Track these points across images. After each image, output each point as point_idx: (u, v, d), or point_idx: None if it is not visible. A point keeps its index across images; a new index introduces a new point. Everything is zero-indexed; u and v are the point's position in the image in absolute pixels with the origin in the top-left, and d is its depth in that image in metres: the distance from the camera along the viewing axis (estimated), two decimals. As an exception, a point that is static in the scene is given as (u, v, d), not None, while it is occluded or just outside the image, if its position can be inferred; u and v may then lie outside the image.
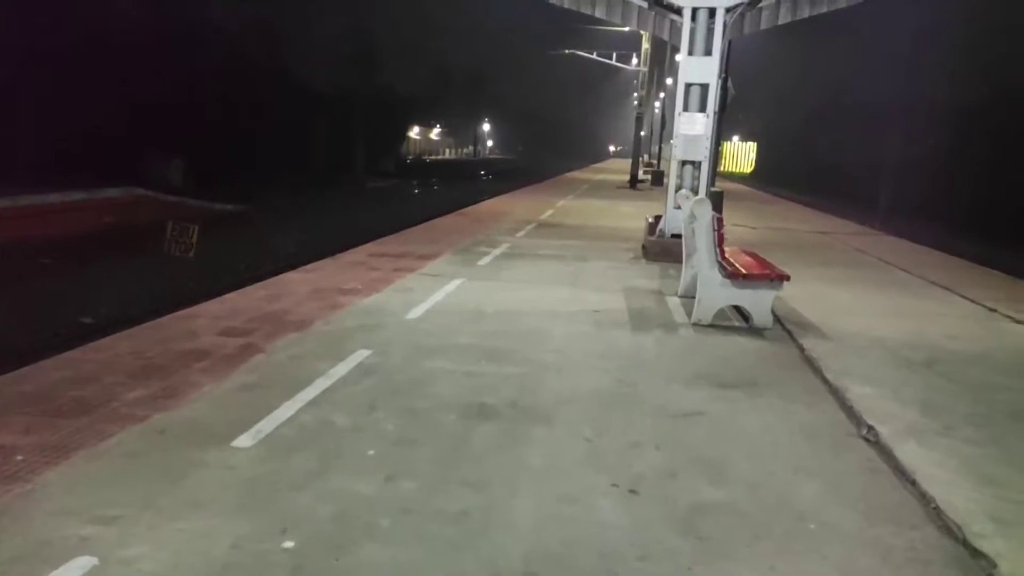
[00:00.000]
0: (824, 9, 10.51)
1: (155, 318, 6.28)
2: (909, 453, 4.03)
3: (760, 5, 10.53)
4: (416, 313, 6.78)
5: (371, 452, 3.81)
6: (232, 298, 7.19)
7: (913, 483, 3.70)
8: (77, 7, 23.78)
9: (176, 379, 4.72)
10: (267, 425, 4.06)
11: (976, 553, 3.09)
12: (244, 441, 3.85)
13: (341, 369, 5.05)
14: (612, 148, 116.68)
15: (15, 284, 10.40)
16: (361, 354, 5.40)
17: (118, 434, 3.87)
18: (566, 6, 11.19)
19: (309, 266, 9.12)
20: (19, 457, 3.57)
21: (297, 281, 8.09)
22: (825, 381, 5.28)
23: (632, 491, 3.52)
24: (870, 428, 4.36)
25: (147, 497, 3.25)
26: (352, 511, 3.22)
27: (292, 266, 9.16)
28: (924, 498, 3.55)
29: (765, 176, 45.12)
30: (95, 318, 8.57)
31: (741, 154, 57.66)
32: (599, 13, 11.32)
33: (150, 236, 12.63)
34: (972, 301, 8.48)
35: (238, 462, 3.62)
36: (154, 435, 3.90)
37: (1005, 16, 20.92)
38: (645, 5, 10.90)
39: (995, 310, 8.00)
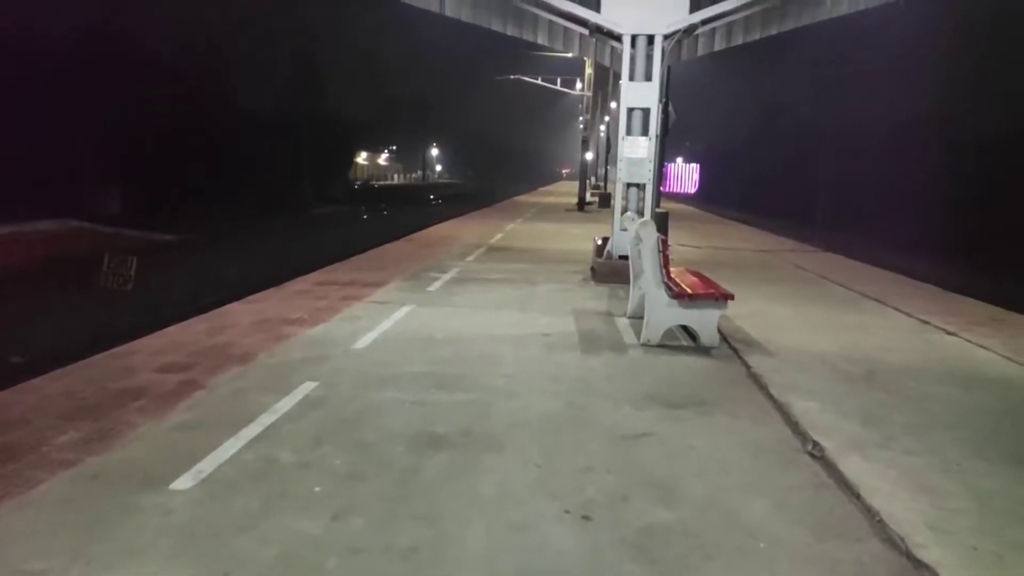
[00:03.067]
0: (757, 36, 10.88)
1: (90, 355, 6.03)
2: (853, 467, 4.12)
3: (696, 32, 10.85)
4: (364, 342, 6.67)
5: (317, 489, 3.71)
6: (172, 332, 6.96)
7: (858, 496, 3.78)
8: (7, 33, 23.03)
9: (111, 420, 4.52)
10: (208, 465, 3.91)
11: (918, 564, 3.16)
12: (183, 483, 3.70)
13: (286, 403, 4.92)
14: (565, 171, 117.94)
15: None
16: (307, 387, 5.28)
17: (48, 481, 3.68)
18: (509, 33, 11.33)
19: (253, 296, 8.90)
20: (-62, 510, 3.36)
21: (241, 312, 7.89)
22: (770, 397, 5.38)
23: (584, 516, 3.50)
24: (815, 443, 4.45)
25: (77, 547, 3.09)
26: (298, 552, 3.12)
27: (236, 296, 8.92)
28: (868, 511, 3.62)
29: (708, 196, 46.24)
30: (25, 357, 8.18)
31: (685, 175, 58.99)
32: (541, 40, 11.49)
33: (85, 269, 12.17)
34: (906, 314, 8.80)
35: (177, 505, 3.48)
36: (87, 480, 3.72)
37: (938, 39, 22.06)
38: (587, 32, 11.12)
39: (928, 322, 8.31)
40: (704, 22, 10.54)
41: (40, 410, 4.66)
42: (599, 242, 11.64)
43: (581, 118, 37.29)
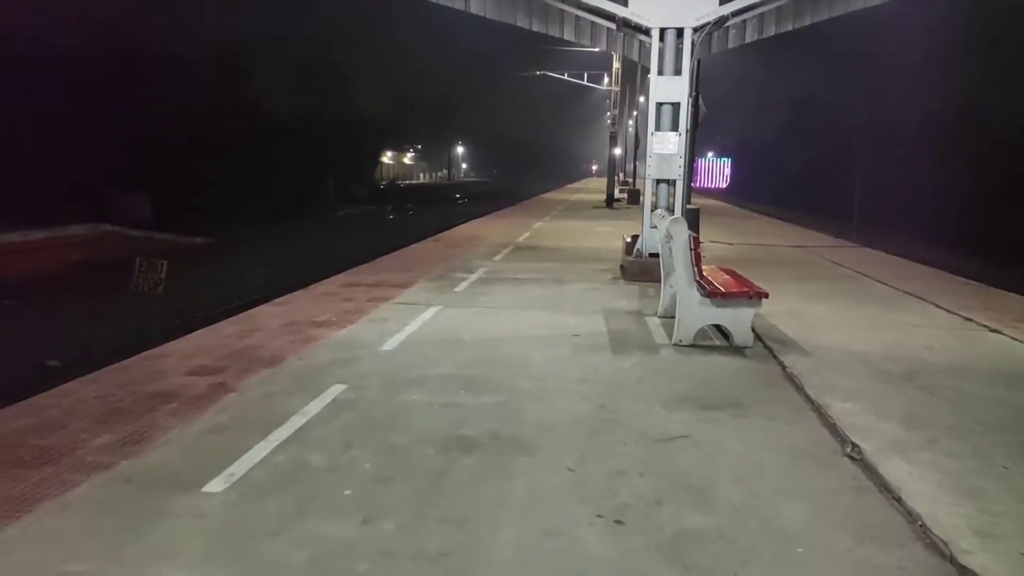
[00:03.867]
0: (789, 27, 10.66)
1: (122, 359, 6.11)
2: (893, 469, 4.01)
3: (727, 24, 10.66)
4: (392, 344, 6.67)
5: (348, 492, 3.70)
6: (201, 335, 7.03)
7: (899, 500, 3.67)
8: (35, 43, 23.57)
9: (144, 423, 4.57)
10: (239, 468, 3.93)
11: (963, 570, 3.06)
12: (215, 486, 3.72)
13: (315, 406, 4.92)
14: (594, 167, 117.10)
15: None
16: (336, 389, 5.28)
17: (83, 484, 3.72)
18: (535, 29, 11.26)
19: (281, 299, 8.96)
20: (-22, 512, 3.41)
21: (269, 315, 7.95)
22: (807, 398, 5.26)
23: (617, 521, 3.44)
24: (854, 446, 4.33)
25: (112, 550, 3.12)
26: (328, 556, 3.11)
27: (263, 299, 9.00)
28: (910, 515, 3.52)
29: (740, 191, 45.72)
30: (61, 360, 8.34)
31: (716, 170, 58.37)
32: (568, 35, 11.39)
33: (117, 273, 12.39)
34: (947, 311, 8.56)
35: (209, 509, 3.49)
36: (121, 483, 3.75)
37: (970, 29, 21.51)
38: (614, 27, 11.00)
39: (971, 319, 8.07)
40: (735, 14, 10.35)
41: (75, 414, 4.72)
42: (628, 240, 11.52)
43: (609, 114, 37.02)
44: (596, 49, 17.10)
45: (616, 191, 32.98)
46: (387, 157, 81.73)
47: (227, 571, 2.97)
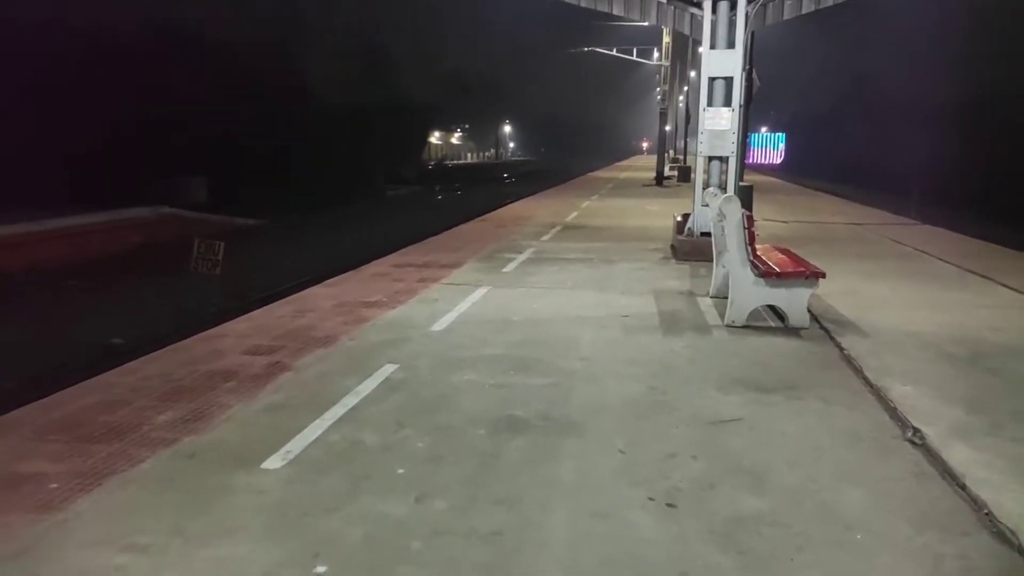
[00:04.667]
0: (848, -4, 10.27)
1: (182, 338, 6.31)
2: (957, 455, 3.87)
3: (782, -5, 10.32)
4: (442, 324, 6.72)
5: (400, 471, 3.76)
6: (257, 315, 7.21)
7: (963, 487, 3.55)
8: (100, 28, 24.25)
9: (204, 401, 4.72)
10: (296, 446, 4.02)
11: (1035, 562, 2.94)
12: (273, 463, 3.82)
13: (368, 385, 5.01)
14: (645, 144, 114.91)
15: (45, 307, 10.57)
16: (387, 369, 5.36)
17: (149, 459, 3.87)
18: (583, 5, 11.09)
19: (333, 280, 9.11)
20: (53, 485, 3.58)
21: (321, 296, 8.09)
22: (866, 381, 5.12)
23: (669, 504, 3.42)
24: (915, 430, 4.20)
25: (178, 524, 3.23)
26: (383, 534, 3.17)
27: (316, 280, 9.16)
28: (975, 503, 3.40)
29: (795, 167, 44.51)
30: (126, 339, 8.66)
31: (770, 145, 56.99)
32: (616, 10, 11.19)
33: (176, 254, 12.78)
34: (1015, 290, 8.20)
35: (267, 485, 3.59)
36: (184, 459, 3.88)
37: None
38: (664, 0, 10.76)
39: (1040, 299, 7.73)
40: (790, -16, 10.01)
41: (140, 391, 4.90)
42: (679, 219, 11.34)
43: (658, 89, 36.35)
44: (646, 23, 16.75)
45: (666, 169, 32.45)
46: (435, 137, 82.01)
47: (286, 547, 3.06)
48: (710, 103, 10.12)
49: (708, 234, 9.04)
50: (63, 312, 10.44)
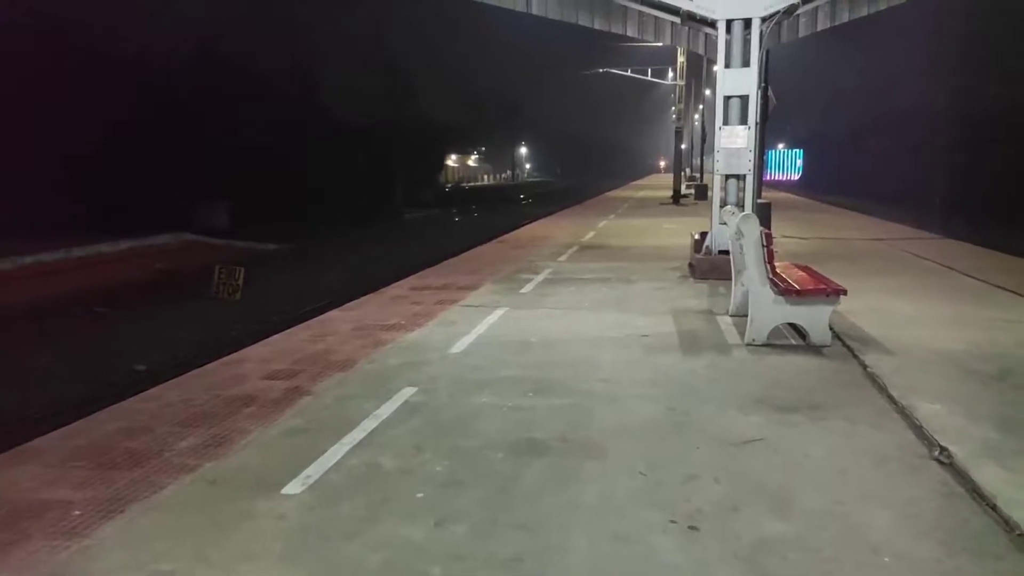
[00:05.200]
0: (864, 12, 10.23)
1: (204, 363, 6.36)
2: (988, 475, 3.78)
3: (797, 12, 10.31)
4: (460, 347, 6.72)
5: (420, 495, 3.74)
6: (278, 340, 7.26)
7: (994, 508, 3.46)
8: (121, 55, 24.81)
9: (225, 426, 4.74)
10: (315, 470, 4.03)
11: (1072, 586, 2.85)
12: (293, 488, 3.82)
13: (387, 409, 5.01)
14: (662, 163, 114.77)
15: (72, 335, 10.72)
16: (406, 392, 5.36)
17: (170, 485, 3.89)
18: (597, 27, 11.16)
19: (352, 303, 9.17)
20: (76, 512, 3.60)
21: (340, 319, 8.13)
22: (891, 400, 5.02)
23: (691, 527, 3.36)
24: (943, 449, 4.11)
25: (200, 550, 3.24)
26: (402, 559, 3.15)
27: (335, 304, 9.22)
28: (1007, 524, 3.31)
29: (813, 183, 44.18)
30: (148, 365, 8.75)
31: (788, 162, 56.75)
32: (631, 32, 11.25)
33: (199, 280, 12.93)
34: (1044, 305, 8.05)
35: (287, 510, 3.59)
36: (205, 485, 3.90)
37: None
38: (678, 20, 10.80)
39: (1070, 313, 7.57)
40: (805, 1, 10.00)
41: (161, 417, 4.94)
42: (697, 237, 11.29)
43: (674, 108, 36.40)
44: (660, 44, 16.84)
45: (683, 187, 32.40)
46: (452, 160, 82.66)
47: (307, 573, 3.05)
48: (726, 121, 10.11)
49: (726, 252, 8.98)
50: (89, 339, 10.57)
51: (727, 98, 10.07)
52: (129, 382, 7.28)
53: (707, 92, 34.30)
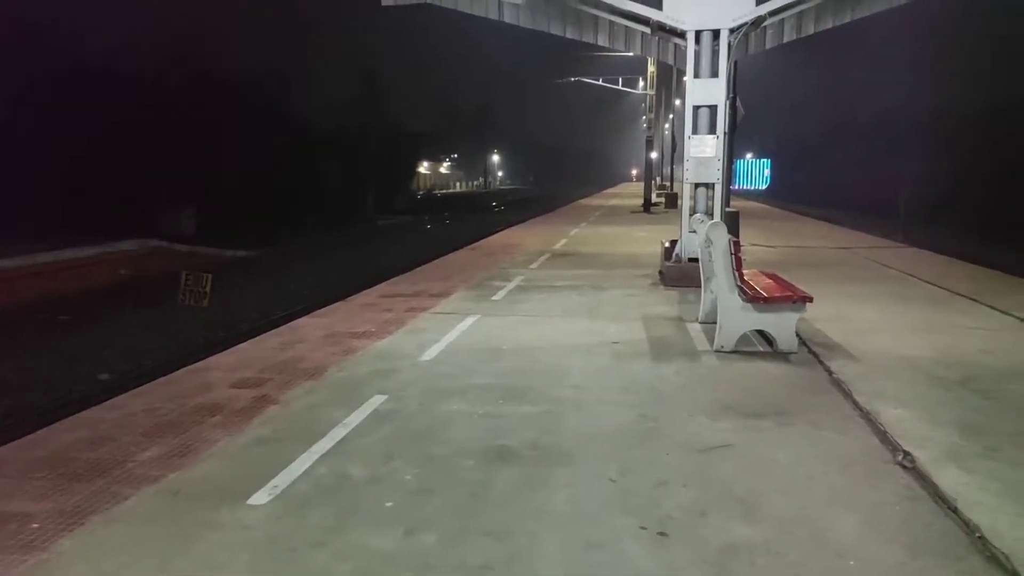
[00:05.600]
0: (829, 25, 10.45)
1: (170, 371, 6.24)
2: (949, 478, 3.86)
3: (764, 24, 10.50)
4: (431, 354, 6.69)
5: (389, 504, 3.71)
6: (245, 347, 7.15)
7: (955, 511, 3.53)
8: (86, 58, 24.38)
9: (190, 436, 4.65)
10: (282, 480, 3.97)
11: (1030, 587, 2.92)
12: (259, 498, 3.76)
13: (356, 417, 4.96)
14: (634, 172, 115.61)
15: (34, 342, 10.47)
16: (376, 400, 5.31)
17: (133, 496, 3.80)
18: (568, 36, 11.24)
19: (322, 310, 9.07)
20: (35, 525, 3.50)
21: (310, 327, 8.05)
22: (856, 405, 5.11)
23: (661, 533, 3.38)
24: (906, 454, 4.19)
25: (163, 562, 3.17)
26: (371, 568, 3.11)
27: (305, 311, 9.13)
28: (968, 526, 3.38)
29: (781, 192, 44.88)
30: (112, 373, 8.57)
31: (755, 171, 57.60)
32: (602, 41, 11.35)
33: (165, 286, 12.71)
34: (1003, 312, 8.26)
35: (254, 520, 3.53)
36: (169, 496, 3.82)
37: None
38: (648, 31, 10.92)
39: (1027, 320, 7.77)
40: (772, 13, 10.18)
41: (125, 427, 4.83)
42: (667, 245, 11.40)
43: (644, 118, 36.80)
44: (631, 54, 17.00)
45: (653, 195, 32.71)
46: (423, 167, 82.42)
47: (272, 584, 3.00)
48: (695, 131, 10.23)
49: (696, 260, 9.07)
50: (52, 347, 10.33)
51: (696, 108, 10.21)
52: (92, 391, 7.12)
53: (677, 102, 34.72)
